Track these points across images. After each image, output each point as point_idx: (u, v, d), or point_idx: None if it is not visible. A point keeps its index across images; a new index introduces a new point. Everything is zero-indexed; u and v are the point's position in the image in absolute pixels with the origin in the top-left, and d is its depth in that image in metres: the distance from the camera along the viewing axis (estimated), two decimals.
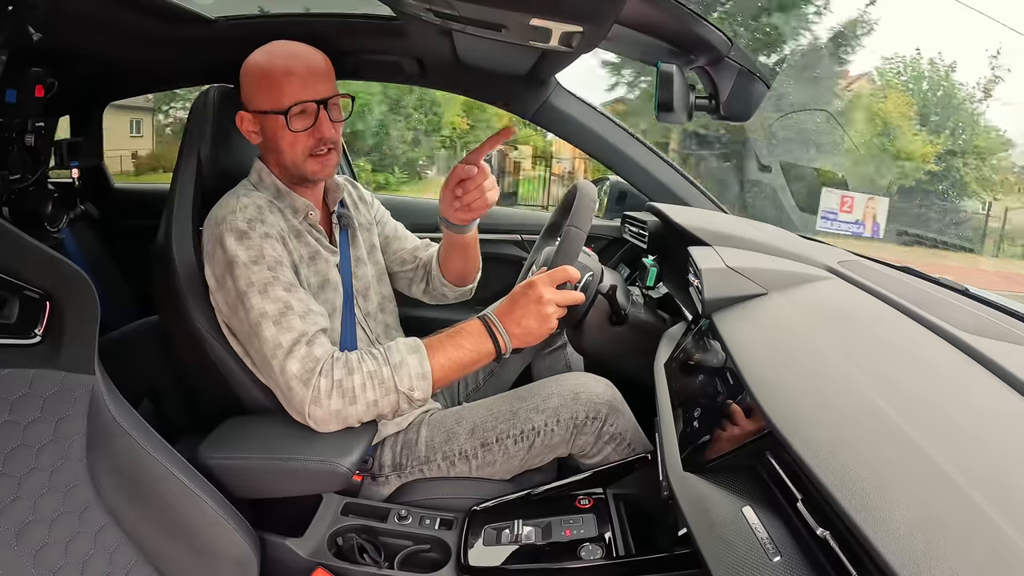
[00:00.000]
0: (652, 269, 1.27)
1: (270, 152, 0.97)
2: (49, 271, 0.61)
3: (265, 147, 0.97)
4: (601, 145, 1.48)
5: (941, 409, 0.56)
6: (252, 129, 0.95)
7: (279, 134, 0.92)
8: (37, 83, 1.35)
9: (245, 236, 0.87)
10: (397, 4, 0.88)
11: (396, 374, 0.84)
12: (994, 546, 0.39)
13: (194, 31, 1.19)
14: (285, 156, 0.94)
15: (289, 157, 0.94)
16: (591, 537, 0.86)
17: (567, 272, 0.92)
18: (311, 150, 0.93)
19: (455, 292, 1.23)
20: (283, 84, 0.90)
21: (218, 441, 0.87)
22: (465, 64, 1.31)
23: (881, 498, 0.44)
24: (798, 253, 1.03)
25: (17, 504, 0.58)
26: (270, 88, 0.91)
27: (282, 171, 0.97)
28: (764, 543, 0.53)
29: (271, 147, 0.95)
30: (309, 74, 0.91)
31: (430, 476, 1.01)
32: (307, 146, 0.93)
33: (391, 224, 1.23)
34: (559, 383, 1.02)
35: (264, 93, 0.91)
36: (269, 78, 0.91)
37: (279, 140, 0.93)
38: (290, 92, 0.90)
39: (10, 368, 0.59)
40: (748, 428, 0.65)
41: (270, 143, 0.95)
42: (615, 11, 0.65)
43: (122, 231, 1.81)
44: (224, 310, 0.90)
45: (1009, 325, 0.74)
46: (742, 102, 0.92)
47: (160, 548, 0.70)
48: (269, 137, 0.94)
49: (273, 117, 0.91)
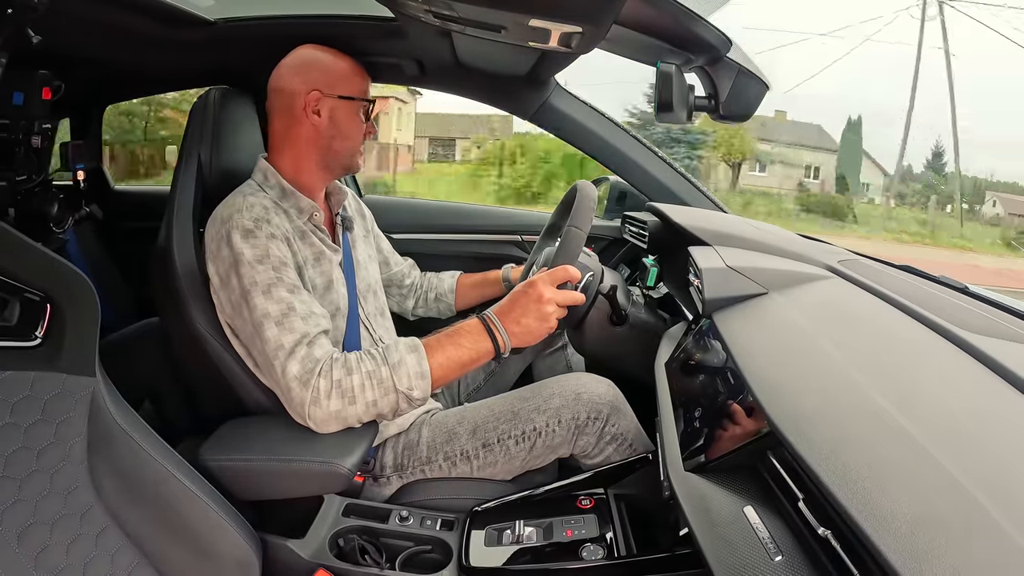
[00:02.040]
0: (652, 269, 1.27)
1: (325, 138, 0.98)
2: (49, 273, 0.61)
3: (320, 132, 0.98)
4: (601, 145, 1.48)
5: (942, 408, 0.56)
6: (319, 112, 0.97)
7: (352, 121, 0.99)
8: (44, 85, 1.36)
9: (251, 235, 0.87)
10: (396, 5, 0.88)
11: (395, 373, 0.84)
12: (996, 545, 0.39)
13: (194, 33, 1.19)
14: (349, 142, 1.00)
15: (352, 144, 1.01)
16: (592, 537, 0.86)
17: (568, 271, 0.92)
18: (362, 143, 1.03)
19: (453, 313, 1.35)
20: (366, 80, 1.02)
21: (219, 443, 0.87)
22: (465, 65, 1.32)
23: (882, 497, 0.44)
24: (798, 252, 1.03)
25: (18, 506, 0.58)
26: (359, 79, 1.00)
27: (327, 158, 1.00)
28: (765, 542, 0.53)
29: (335, 132, 0.98)
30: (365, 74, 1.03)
31: (431, 477, 1.01)
32: (362, 138, 1.02)
33: (386, 244, 1.31)
34: (560, 383, 1.02)
35: (350, 82, 0.99)
36: (357, 70, 1.01)
37: (350, 127, 0.99)
38: (367, 88, 1.02)
39: (11, 371, 0.59)
40: (749, 428, 0.65)
41: (337, 128, 0.98)
42: (614, 11, 0.65)
43: (122, 233, 1.81)
44: (227, 309, 0.90)
45: (1009, 323, 0.74)
46: (742, 102, 0.92)
47: (161, 550, 0.70)
48: (339, 123, 0.98)
49: (356, 104, 0.99)
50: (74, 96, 1.52)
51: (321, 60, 0.99)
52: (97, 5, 1.02)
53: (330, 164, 1.01)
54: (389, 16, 1.14)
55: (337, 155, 1.00)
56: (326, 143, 0.99)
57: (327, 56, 0.99)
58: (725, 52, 0.86)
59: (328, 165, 1.01)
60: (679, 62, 0.90)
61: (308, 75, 0.97)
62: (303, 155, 0.99)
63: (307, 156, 0.99)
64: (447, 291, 1.33)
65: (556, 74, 1.39)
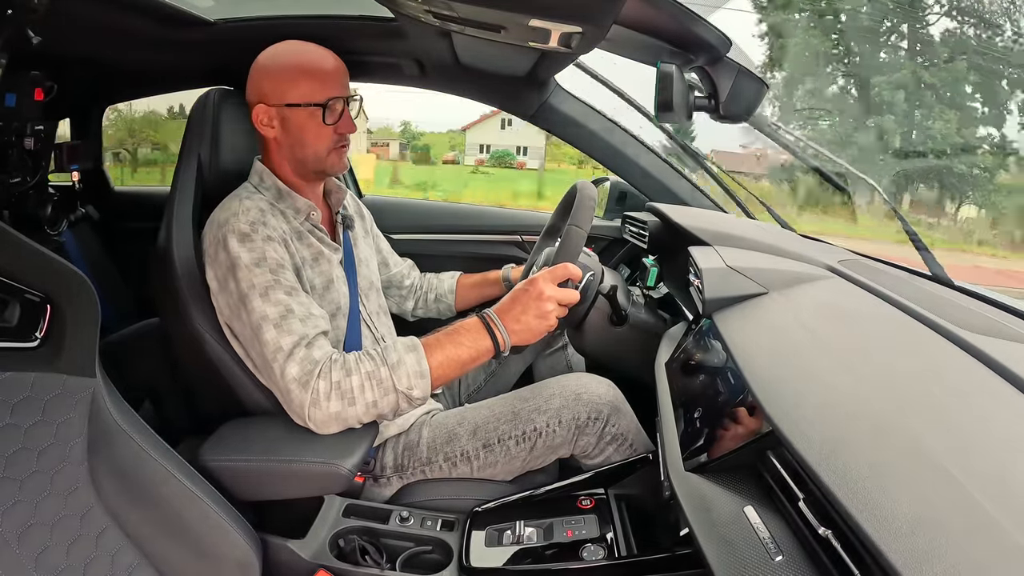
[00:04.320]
0: (652, 269, 1.27)
1: (286, 147, 0.97)
2: (49, 274, 0.61)
3: (280, 143, 0.97)
4: (601, 145, 1.48)
5: (942, 407, 0.56)
6: (270, 123, 0.95)
7: (307, 126, 0.94)
8: (36, 86, 1.35)
9: (248, 238, 0.87)
10: (395, 6, 0.88)
11: (394, 373, 0.84)
12: (995, 544, 0.39)
13: (193, 33, 1.19)
14: (308, 149, 0.96)
15: (313, 150, 0.96)
16: (593, 538, 0.86)
17: (568, 269, 0.91)
18: (335, 144, 0.97)
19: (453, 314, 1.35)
20: (320, 78, 0.94)
21: (219, 443, 0.87)
22: (464, 65, 1.32)
23: (883, 497, 0.44)
24: (798, 252, 1.03)
25: (18, 507, 0.58)
26: (307, 81, 0.93)
27: (296, 167, 0.98)
28: (766, 542, 0.53)
29: (292, 141, 0.96)
30: (339, 72, 0.96)
31: (432, 477, 1.01)
32: (332, 140, 0.96)
33: (385, 245, 1.30)
34: (561, 384, 1.02)
35: (297, 86, 0.93)
36: (305, 72, 0.93)
37: (306, 133, 0.95)
38: (327, 87, 0.94)
39: (11, 371, 0.59)
40: (749, 428, 0.65)
41: (293, 136, 0.95)
42: (614, 11, 0.65)
43: (122, 233, 1.81)
44: (226, 312, 0.90)
45: (1009, 322, 0.74)
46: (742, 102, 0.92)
47: (161, 550, 0.70)
48: (293, 130, 0.95)
49: (305, 110, 0.93)
50: (71, 97, 1.52)
51: (267, 68, 0.95)
52: (97, 5, 1.02)
53: (301, 171, 0.99)
54: (389, 16, 1.14)
55: (303, 163, 0.97)
56: (288, 152, 0.97)
57: (274, 63, 0.95)
58: (725, 52, 0.86)
59: (300, 172, 0.99)
60: (679, 62, 0.90)
61: (256, 86, 0.95)
62: (277, 164, 0.99)
63: (280, 164, 0.99)
64: (447, 292, 1.33)
65: (556, 74, 1.39)
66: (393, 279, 1.30)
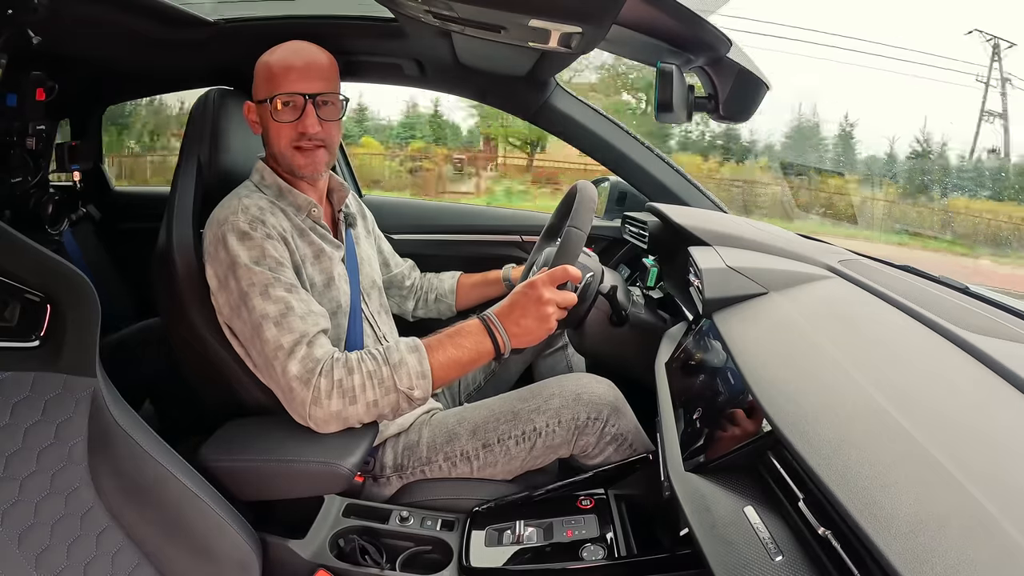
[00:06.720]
0: (652, 269, 1.27)
1: (265, 145, 1.00)
2: (50, 274, 0.61)
3: (263, 139, 1.00)
4: (601, 145, 1.48)
5: (942, 407, 0.56)
6: (253, 119, 0.99)
7: (268, 123, 0.96)
8: (38, 86, 1.36)
9: (247, 237, 0.87)
10: (396, 6, 0.88)
11: (395, 373, 0.84)
12: (996, 544, 0.39)
13: (194, 33, 1.19)
14: (272, 147, 0.98)
15: (275, 147, 0.97)
16: (593, 538, 0.86)
17: (567, 272, 0.91)
18: (294, 142, 0.96)
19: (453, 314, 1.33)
20: (277, 76, 0.94)
21: (219, 443, 0.87)
22: (464, 65, 1.32)
23: (883, 497, 0.44)
24: (798, 252, 1.03)
25: (18, 507, 0.58)
26: (267, 79, 0.95)
27: (275, 164, 1.00)
28: (766, 543, 0.53)
29: (264, 138, 0.99)
30: (306, 69, 0.94)
31: (431, 477, 1.01)
32: (290, 138, 0.95)
33: (386, 245, 1.30)
34: (561, 384, 1.02)
35: (262, 84, 0.96)
36: (268, 70, 0.95)
37: (268, 130, 0.97)
38: (280, 84, 0.94)
39: (11, 371, 0.59)
40: (749, 428, 0.65)
41: (265, 134, 0.99)
42: (615, 11, 0.65)
43: (122, 233, 1.81)
44: (226, 311, 0.90)
45: (1010, 323, 0.74)
46: (742, 102, 0.93)
47: (162, 550, 0.70)
48: (264, 127, 0.98)
49: (264, 106, 0.95)
50: (72, 97, 1.52)
51: (258, 64, 0.98)
52: (97, 5, 1.02)
53: (284, 169, 0.99)
54: (389, 16, 1.14)
55: (277, 160, 0.98)
56: (268, 148, 1.00)
57: (264, 58, 0.97)
58: (725, 52, 0.86)
59: (285, 170, 0.99)
60: (679, 62, 0.90)
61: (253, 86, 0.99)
62: (270, 158, 1.01)
63: (271, 159, 1.01)
64: (447, 292, 1.33)
65: (556, 74, 1.39)
66: (394, 279, 1.30)
